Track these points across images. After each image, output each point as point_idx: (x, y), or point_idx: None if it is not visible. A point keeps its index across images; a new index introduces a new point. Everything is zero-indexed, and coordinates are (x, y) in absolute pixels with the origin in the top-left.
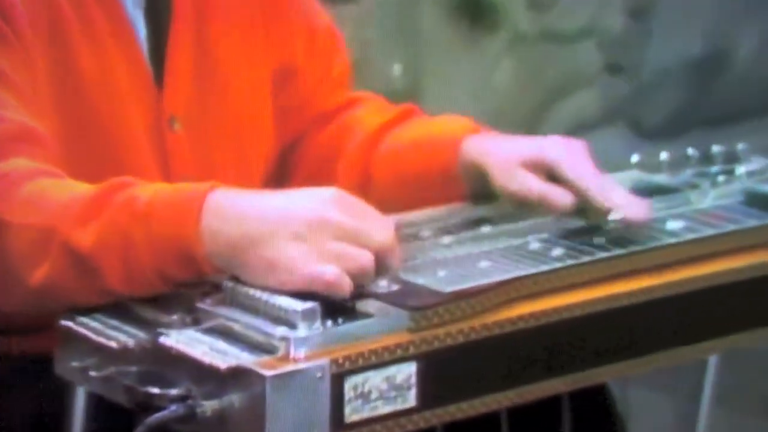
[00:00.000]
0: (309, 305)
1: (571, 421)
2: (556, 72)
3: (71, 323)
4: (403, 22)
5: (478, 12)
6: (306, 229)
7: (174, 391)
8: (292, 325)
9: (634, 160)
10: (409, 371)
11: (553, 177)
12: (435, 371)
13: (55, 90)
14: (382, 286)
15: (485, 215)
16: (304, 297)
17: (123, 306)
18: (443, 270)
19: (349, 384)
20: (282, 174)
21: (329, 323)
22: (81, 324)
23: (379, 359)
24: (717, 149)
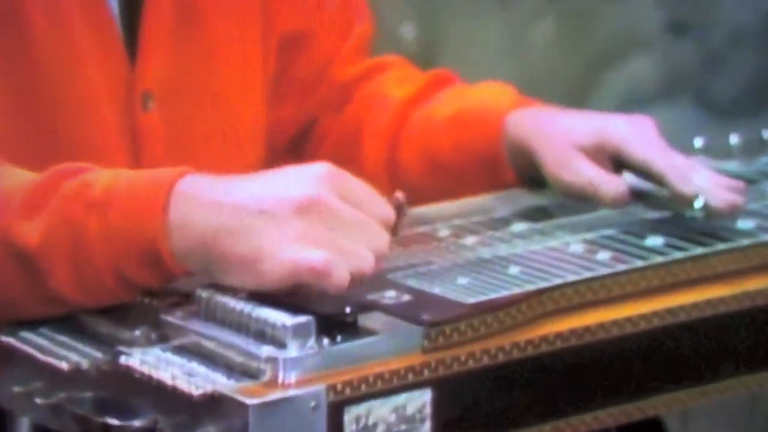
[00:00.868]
0: (301, 319)
1: None
2: (605, 32)
3: (12, 339)
4: None
5: None
6: (292, 213)
7: (137, 423)
8: (280, 344)
9: (697, 144)
10: (423, 400)
11: (619, 162)
12: (453, 400)
13: None
14: (389, 296)
15: (518, 209)
16: (295, 309)
17: (76, 319)
18: (464, 277)
19: (350, 415)
20: (301, 156)
21: (326, 341)
22: (24, 340)
23: (386, 385)
24: None
